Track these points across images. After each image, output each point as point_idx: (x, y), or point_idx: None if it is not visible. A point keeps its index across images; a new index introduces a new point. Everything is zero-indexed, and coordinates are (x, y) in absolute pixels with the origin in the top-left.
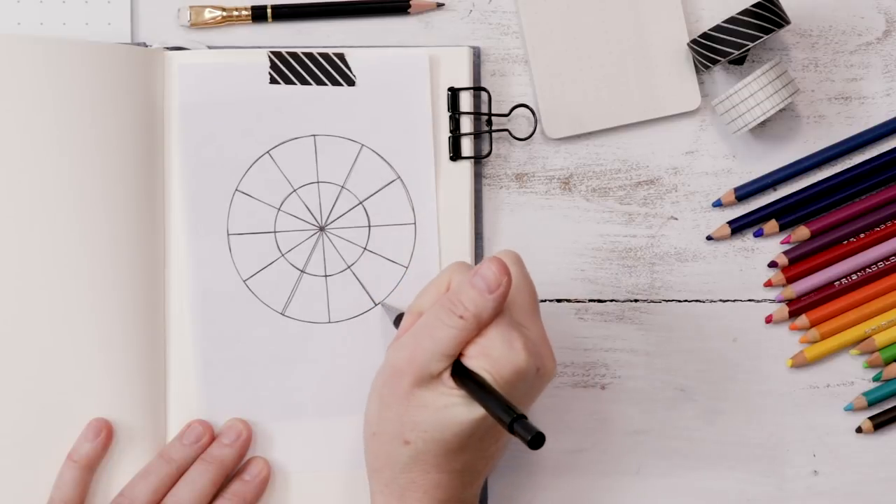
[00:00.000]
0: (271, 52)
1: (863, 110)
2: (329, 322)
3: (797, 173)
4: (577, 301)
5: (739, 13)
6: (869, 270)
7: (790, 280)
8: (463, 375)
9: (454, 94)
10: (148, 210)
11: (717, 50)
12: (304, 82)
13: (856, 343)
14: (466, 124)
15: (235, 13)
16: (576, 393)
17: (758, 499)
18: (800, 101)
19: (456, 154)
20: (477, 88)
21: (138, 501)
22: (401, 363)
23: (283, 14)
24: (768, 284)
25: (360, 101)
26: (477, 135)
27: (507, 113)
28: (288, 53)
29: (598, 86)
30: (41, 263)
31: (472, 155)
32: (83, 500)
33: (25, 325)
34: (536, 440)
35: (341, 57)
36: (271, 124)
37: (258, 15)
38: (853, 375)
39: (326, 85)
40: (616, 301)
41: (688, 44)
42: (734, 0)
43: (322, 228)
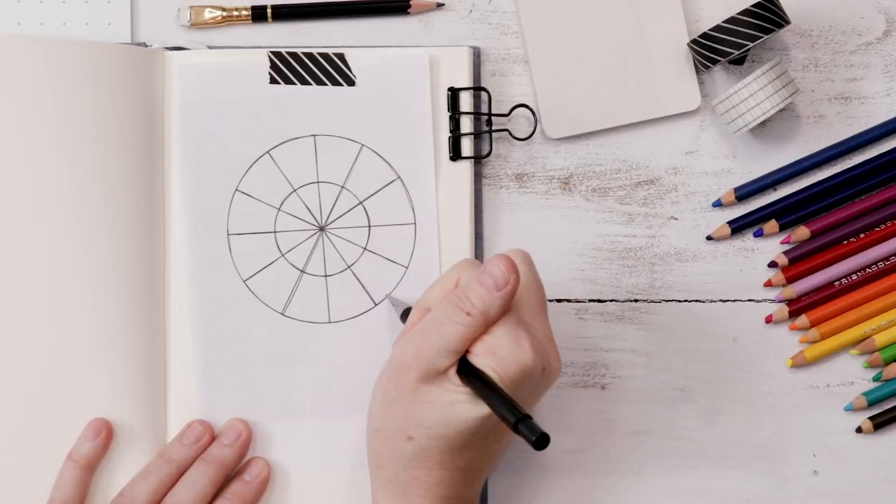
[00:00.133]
0: (271, 52)
1: (863, 110)
2: (329, 322)
3: (797, 173)
4: (577, 301)
5: (739, 13)
6: (869, 270)
7: (790, 280)
8: (469, 373)
9: (454, 94)
10: (148, 210)
11: (717, 50)
12: (304, 82)
13: (856, 343)
14: (466, 124)
15: (235, 13)
16: (576, 393)
17: (758, 499)
18: (800, 101)
19: (456, 154)
20: (477, 88)
21: (138, 501)
22: (407, 358)
23: (283, 14)
24: (768, 284)
25: (360, 101)
26: (477, 135)
27: (507, 113)
28: (288, 53)
29: (598, 86)
30: (41, 263)
31: (472, 155)
32: (83, 500)
33: (25, 325)
34: (541, 441)
35: (341, 57)
36: (271, 124)
37: (258, 15)
38: (853, 375)
39: (326, 85)
40: (616, 301)
41: (688, 44)
42: (734, 0)
43: (322, 228)
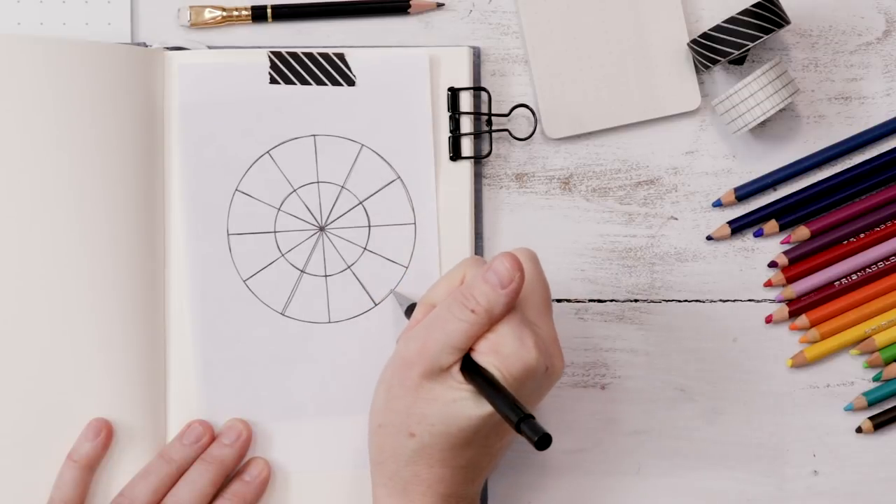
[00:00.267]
0: (271, 52)
1: (863, 110)
2: (329, 322)
3: (797, 173)
4: (577, 301)
5: (739, 13)
6: (869, 270)
7: (790, 280)
8: (472, 371)
9: (454, 94)
10: (148, 210)
11: (717, 50)
12: (304, 82)
13: (856, 343)
14: (466, 124)
15: (235, 13)
16: (576, 393)
17: (758, 499)
18: (800, 101)
19: (456, 154)
20: (477, 88)
21: (138, 501)
22: (411, 354)
23: (283, 14)
24: (768, 284)
25: (360, 101)
26: (477, 135)
27: (507, 113)
28: (288, 53)
29: (598, 86)
30: (41, 263)
31: (472, 155)
32: (83, 500)
33: (25, 325)
34: (543, 441)
35: (341, 57)
36: (271, 124)
37: (258, 15)
38: (853, 375)
39: (326, 85)
40: (616, 301)
41: (688, 44)
42: (734, 0)
43: (322, 228)
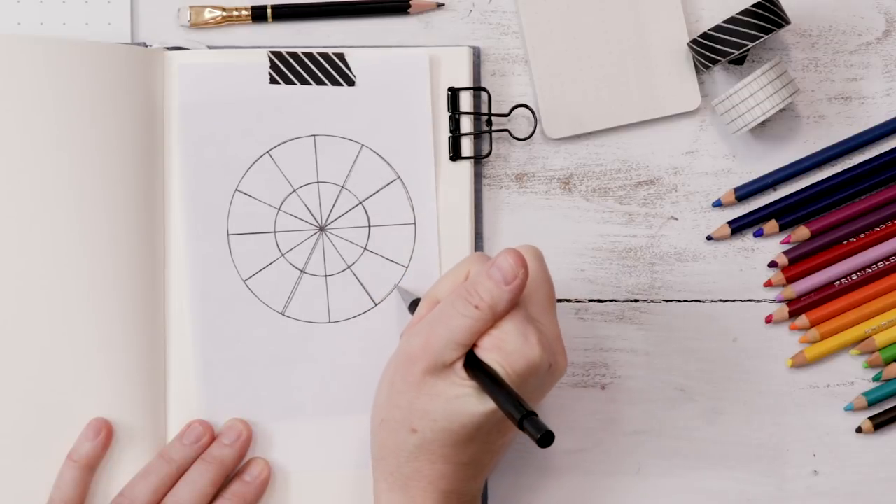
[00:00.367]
0: (271, 52)
1: (863, 110)
2: (329, 322)
3: (797, 173)
4: (577, 301)
5: (739, 13)
6: (869, 270)
7: (790, 280)
8: (476, 367)
9: (454, 94)
10: (148, 210)
11: (717, 50)
12: (304, 82)
13: (856, 343)
14: (466, 124)
15: (235, 13)
16: (576, 393)
17: (758, 499)
18: (800, 101)
19: (456, 154)
20: (477, 88)
21: (138, 501)
22: (414, 350)
23: (283, 14)
24: (768, 284)
25: (360, 101)
26: (477, 135)
27: (507, 113)
28: (288, 53)
29: (598, 86)
30: (41, 263)
31: (472, 155)
32: (83, 500)
33: (25, 325)
34: (546, 438)
35: (341, 57)
36: (271, 124)
37: (258, 15)
38: (853, 375)
39: (326, 85)
40: (616, 301)
41: (688, 44)
42: (734, 0)
43: (322, 228)
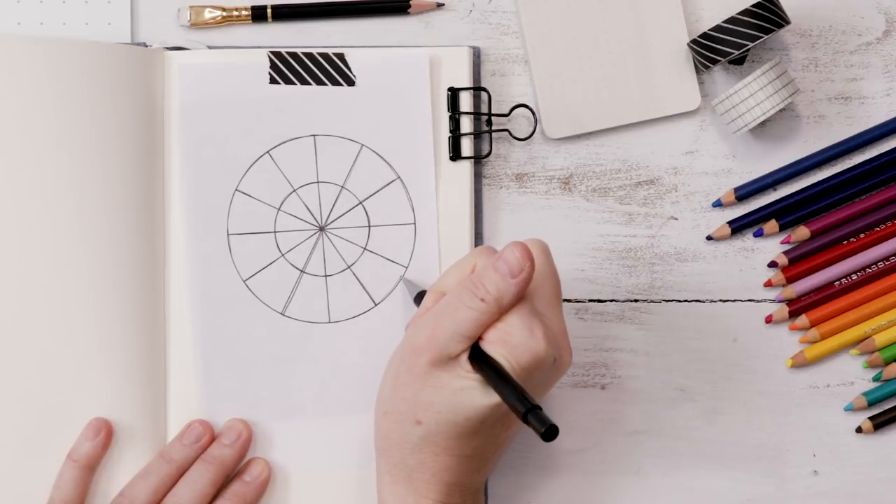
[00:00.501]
0: (271, 52)
1: (863, 110)
2: (329, 322)
3: (797, 173)
4: (577, 301)
5: (739, 13)
6: (869, 270)
7: (790, 280)
8: (481, 360)
9: (454, 94)
10: (148, 210)
11: (717, 50)
12: (304, 82)
13: (856, 343)
14: (466, 124)
15: (235, 13)
16: (576, 393)
17: (758, 499)
18: (800, 101)
19: (456, 154)
20: (477, 88)
21: (138, 501)
22: (419, 341)
23: (283, 14)
24: (768, 284)
25: (360, 101)
26: (477, 135)
27: (507, 113)
28: (288, 53)
29: (598, 86)
30: (41, 263)
31: (472, 155)
32: (83, 500)
33: (25, 325)
34: (550, 432)
35: (341, 57)
36: (271, 124)
37: (258, 15)
38: (853, 375)
39: (326, 85)
40: (616, 301)
41: (688, 44)
42: (734, 0)
43: (322, 228)
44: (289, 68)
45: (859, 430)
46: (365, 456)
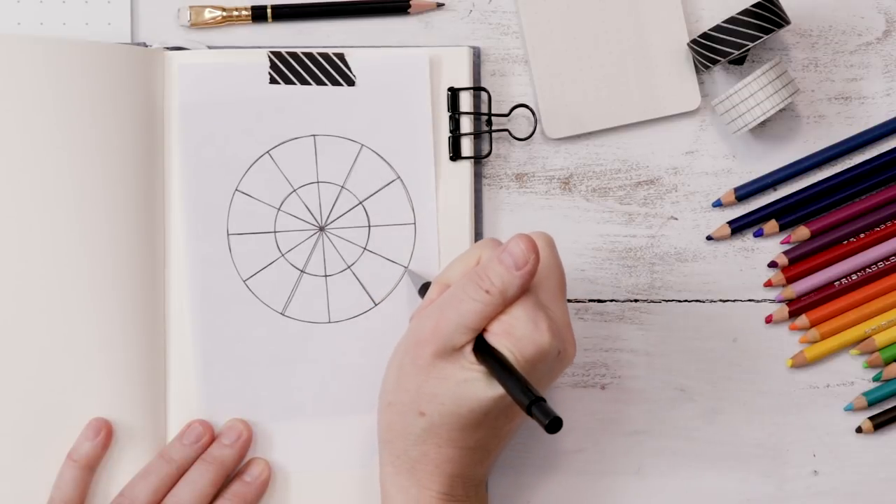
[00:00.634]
0: (271, 52)
1: (863, 110)
2: (329, 322)
3: (797, 173)
4: (577, 301)
5: (739, 13)
6: (869, 270)
7: (790, 280)
8: (485, 352)
9: (454, 94)
10: (148, 210)
11: (717, 50)
12: (304, 82)
13: (856, 343)
14: (466, 124)
15: (235, 13)
16: (576, 393)
17: (758, 499)
18: (800, 101)
19: (456, 154)
20: (477, 88)
21: (138, 501)
22: (424, 333)
23: (283, 14)
24: (768, 284)
25: (360, 101)
26: (477, 135)
27: (507, 113)
28: (288, 53)
29: (598, 86)
30: (41, 263)
31: (472, 155)
32: (83, 499)
33: (25, 325)
34: (554, 424)
35: (341, 57)
36: (271, 124)
37: (258, 15)
38: (853, 375)
39: (326, 85)
40: (616, 301)
41: (688, 44)
42: (734, 0)
43: (322, 228)
44: (289, 68)
45: (859, 430)
46: (365, 456)
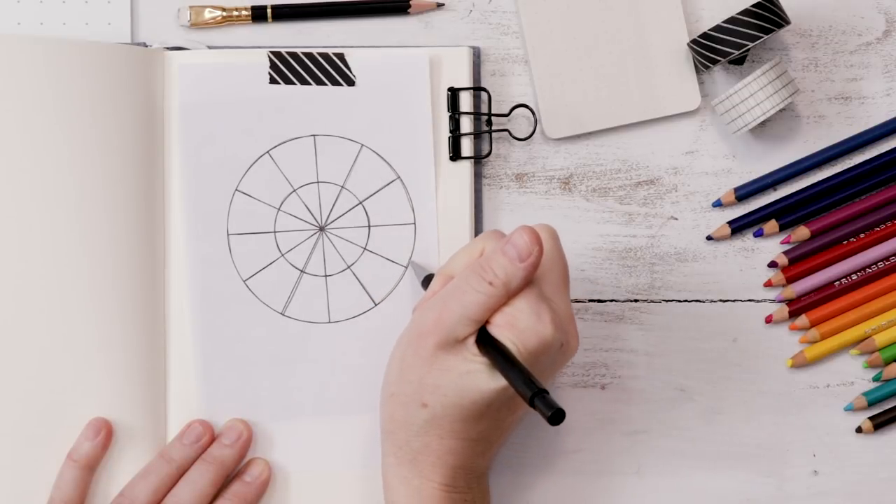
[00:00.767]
0: (271, 52)
1: (863, 110)
2: (329, 322)
3: (797, 173)
4: (577, 301)
5: (739, 13)
6: (869, 270)
7: (790, 280)
8: (488, 344)
9: (454, 94)
10: (148, 210)
11: (717, 50)
12: (304, 82)
13: (856, 343)
14: (466, 124)
15: (235, 13)
16: (576, 393)
17: (758, 499)
18: (800, 101)
19: (456, 154)
20: (477, 88)
21: (138, 501)
22: (427, 324)
23: (283, 14)
24: (768, 284)
25: (360, 101)
26: (477, 135)
27: (507, 113)
28: (288, 53)
29: (598, 86)
30: (41, 263)
31: (472, 155)
32: (83, 500)
33: (25, 325)
34: (556, 416)
35: (341, 57)
36: (271, 124)
37: (258, 15)
38: (853, 375)
39: (326, 85)
40: (616, 301)
41: (688, 44)
42: (734, 0)
43: (322, 228)
44: (289, 68)
45: (859, 430)
46: (365, 456)
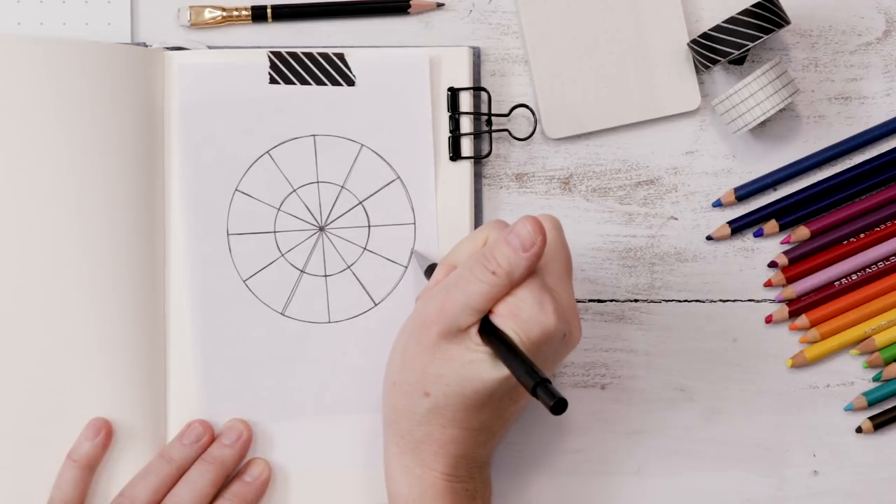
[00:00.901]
0: (271, 52)
1: (863, 110)
2: (329, 322)
3: (797, 173)
4: (578, 301)
5: (739, 13)
6: (869, 270)
7: (790, 280)
8: (490, 333)
9: (454, 94)
10: (148, 210)
11: (717, 50)
12: (303, 82)
13: (856, 343)
14: (466, 124)
15: (235, 13)
16: (576, 393)
17: (758, 499)
18: (800, 101)
19: (456, 154)
20: (477, 88)
21: (138, 501)
22: (429, 313)
23: (283, 14)
24: (768, 284)
25: (360, 101)
26: (477, 135)
27: (507, 113)
28: (288, 53)
29: (598, 86)
30: (41, 263)
31: (472, 155)
32: (83, 499)
33: (25, 325)
34: (559, 406)
35: (341, 57)
36: (271, 124)
37: (258, 15)
38: (853, 375)
39: (326, 85)
40: (616, 301)
41: (688, 44)
42: (734, 0)
43: (322, 228)
44: (289, 68)
45: (859, 430)
46: (366, 455)
